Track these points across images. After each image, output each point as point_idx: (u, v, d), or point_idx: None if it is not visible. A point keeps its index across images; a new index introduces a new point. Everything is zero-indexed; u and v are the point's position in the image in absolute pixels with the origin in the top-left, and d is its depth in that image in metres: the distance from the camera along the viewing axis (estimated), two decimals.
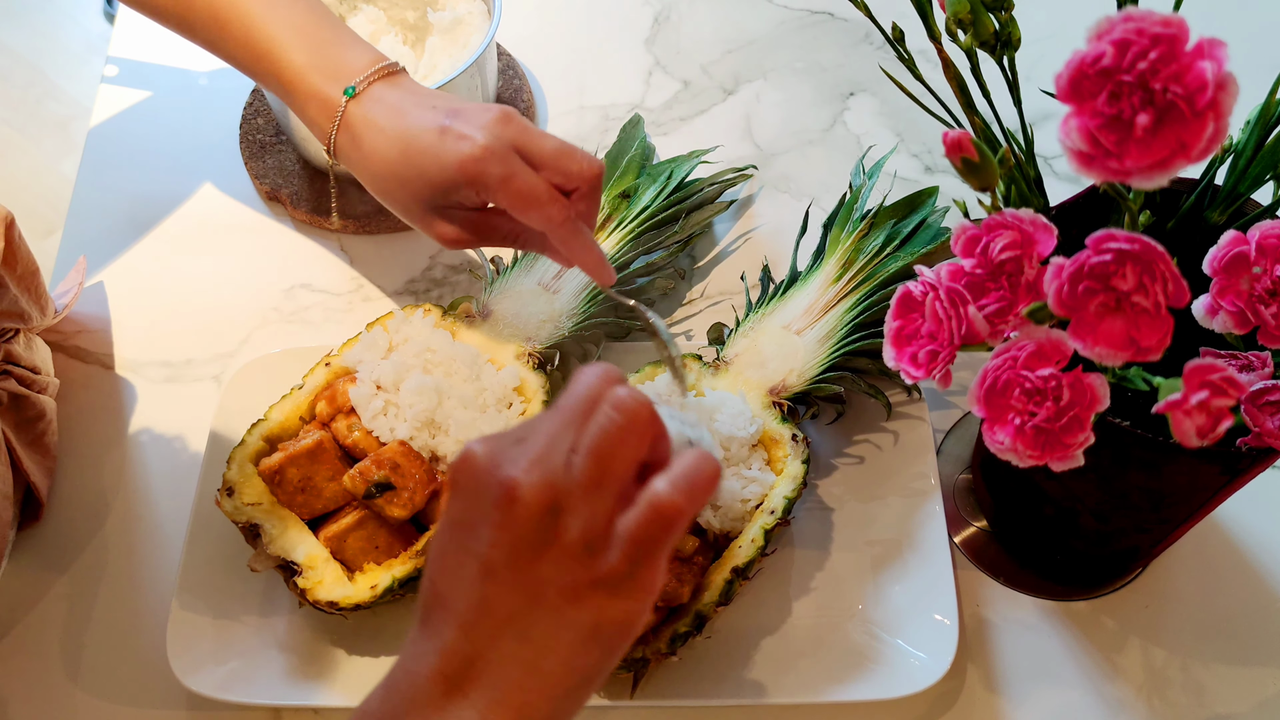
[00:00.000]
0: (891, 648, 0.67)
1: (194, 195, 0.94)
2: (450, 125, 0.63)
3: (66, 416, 0.81)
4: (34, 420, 0.73)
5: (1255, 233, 0.48)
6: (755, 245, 0.90)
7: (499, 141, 0.62)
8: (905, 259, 0.75)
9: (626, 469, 0.43)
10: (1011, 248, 0.44)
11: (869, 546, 0.72)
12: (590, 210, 0.65)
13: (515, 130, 0.63)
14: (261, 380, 0.76)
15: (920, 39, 0.57)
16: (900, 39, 0.58)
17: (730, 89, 1.01)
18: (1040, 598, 0.71)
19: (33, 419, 0.73)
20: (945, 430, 0.79)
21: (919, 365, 0.48)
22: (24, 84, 2.19)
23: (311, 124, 0.69)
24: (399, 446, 0.69)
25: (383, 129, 0.65)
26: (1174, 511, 0.62)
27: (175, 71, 1.02)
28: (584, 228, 0.64)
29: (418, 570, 0.67)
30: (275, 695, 0.66)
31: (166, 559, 0.74)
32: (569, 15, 1.08)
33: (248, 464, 0.69)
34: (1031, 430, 0.44)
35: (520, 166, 0.62)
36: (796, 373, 0.73)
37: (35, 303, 0.73)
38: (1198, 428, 0.40)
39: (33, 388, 0.74)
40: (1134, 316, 0.40)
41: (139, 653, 0.70)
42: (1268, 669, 0.68)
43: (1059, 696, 0.68)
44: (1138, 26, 0.37)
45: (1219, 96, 0.37)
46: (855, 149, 0.96)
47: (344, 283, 0.89)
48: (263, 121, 0.97)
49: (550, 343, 0.77)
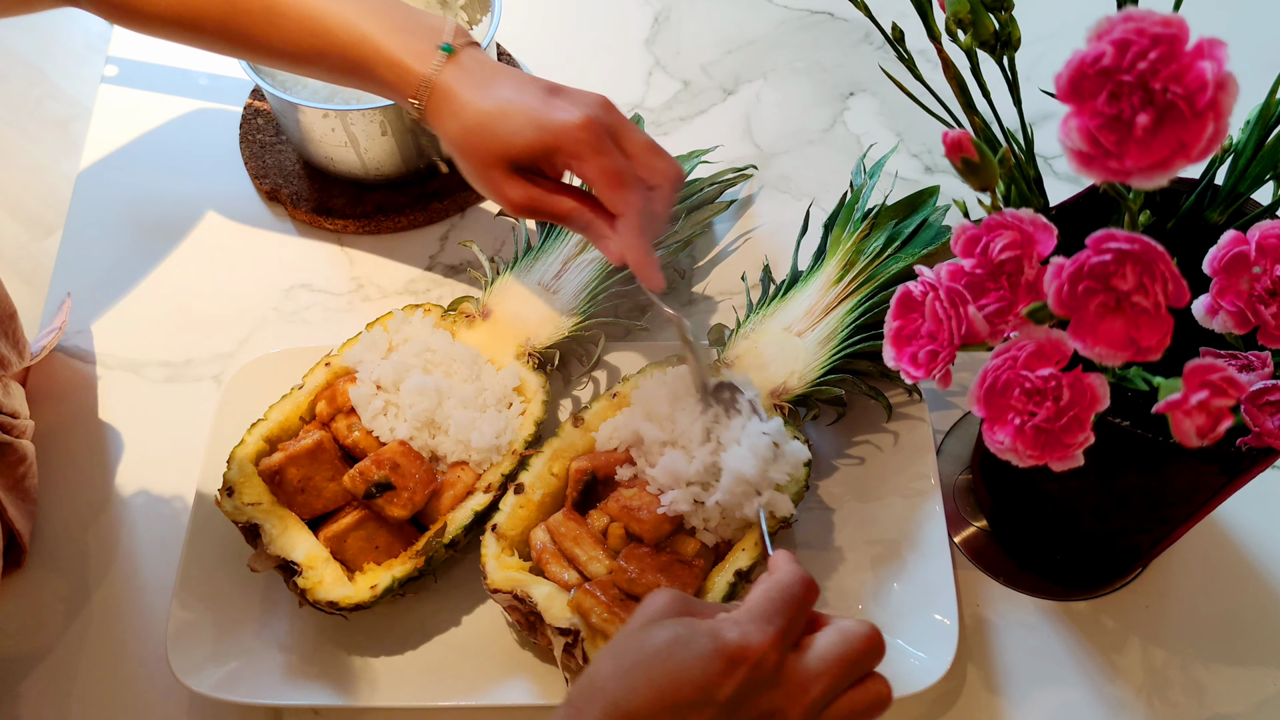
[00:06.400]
0: (891, 648, 0.67)
1: (194, 195, 0.94)
2: (555, 95, 0.66)
3: (66, 417, 0.81)
4: (14, 465, 0.73)
5: (1255, 233, 0.48)
6: (755, 245, 0.90)
7: (600, 119, 0.65)
8: (907, 260, 0.75)
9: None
10: (1011, 248, 0.44)
11: (869, 546, 0.72)
12: (664, 211, 0.67)
13: (615, 116, 0.66)
14: (261, 380, 0.76)
15: (920, 39, 0.57)
16: (900, 39, 0.58)
17: (730, 89, 1.01)
18: (1040, 598, 0.71)
19: (13, 463, 0.73)
20: (945, 430, 0.79)
21: (919, 365, 0.48)
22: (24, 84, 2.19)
23: (389, 87, 0.69)
24: (399, 446, 0.69)
25: (484, 84, 0.67)
26: (1174, 511, 0.62)
27: (175, 71, 1.02)
28: (649, 229, 0.66)
29: (417, 570, 0.67)
30: (275, 695, 0.66)
31: (166, 559, 0.74)
32: (569, 15, 1.08)
33: (248, 464, 0.69)
34: (1031, 430, 0.44)
35: (614, 147, 0.65)
36: (798, 375, 0.73)
37: (13, 347, 0.73)
38: (1198, 428, 0.40)
39: (12, 433, 0.73)
40: (1134, 316, 0.40)
41: (139, 653, 0.70)
42: (1268, 669, 0.68)
43: (1059, 696, 0.68)
44: (1138, 26, 0.37)
45: (1219, 96, 0.37)
46: (855, 149, 0.96)
47: (344, 283, 0.89)
48: (263, 121, 0.97)
49: (550, 343, 0.77)
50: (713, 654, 0.46)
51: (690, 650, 0.46)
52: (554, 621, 0.62)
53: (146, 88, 1.02)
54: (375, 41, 0.68)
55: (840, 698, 0.48)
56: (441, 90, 0.67)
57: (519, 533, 0.68)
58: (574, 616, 0.62)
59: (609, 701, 0.46)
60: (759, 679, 0.46)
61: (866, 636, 0.49)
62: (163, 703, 0.68)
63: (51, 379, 0.82)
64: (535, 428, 0.72)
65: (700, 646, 0.46)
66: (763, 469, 0.65)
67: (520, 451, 0.71)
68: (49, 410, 0.80)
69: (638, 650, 0.47)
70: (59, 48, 2.26)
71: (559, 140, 0.64)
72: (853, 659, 0.48)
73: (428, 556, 0.67)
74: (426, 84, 0.67)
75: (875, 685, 0.49)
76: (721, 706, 0.45)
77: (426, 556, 0.67)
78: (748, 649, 0.46)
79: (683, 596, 0.50)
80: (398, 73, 0.68)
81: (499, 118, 0.65)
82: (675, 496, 0.65)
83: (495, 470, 0.71)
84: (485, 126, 0.66)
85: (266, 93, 0.85)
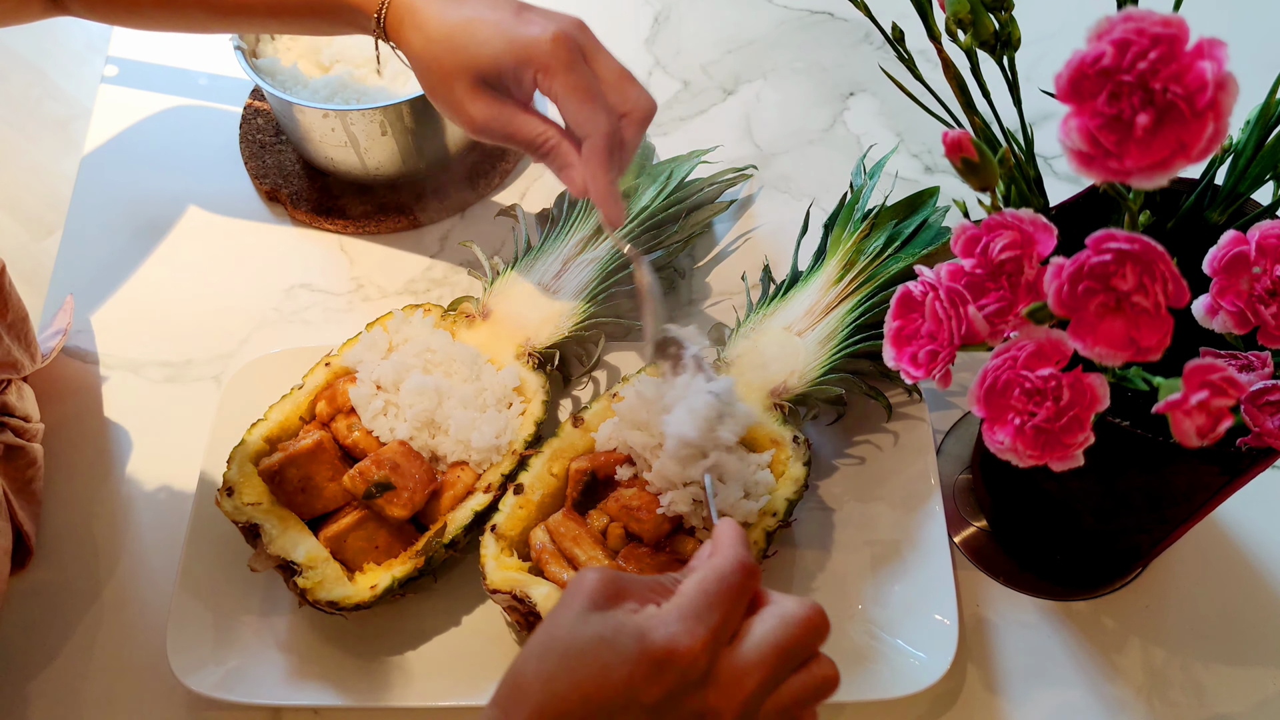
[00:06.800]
0: (891, 647, 0.67)
1: (194, 195, 0.94)
2: (526, 11, 0.65)
3: (66, 417, 0.81)
4: (24, 468, 0.74)
5: (1255, 233, 0.48)
6: (755, 245, 0.90)
7: (573, 37, 0.63)
8: (907, 260, 0.75)
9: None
10: (1011, 248, 0.44)
11: (869, 546, 0.72)
12: (633, 140, 0.65)
13: (587, 37, 0.65)
14: (261, 380, 0.76)
15: (920, 39, 0.57)
16: (900, 39, 0.58)
17: (730, 89, 1.01)
18: (1040, 598, 0.71)
19: (23, 466, 0.73)
20: (945, 430, 0.79)
21: (919, 365, 0.48)
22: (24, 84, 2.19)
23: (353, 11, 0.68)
24: (399, 446, 0.69)
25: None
26: (1174, 511, 0.62)
27: (175, 71, 1.02)
28: (615, 157, 0.64)
29: (417, 570, 0.67)
30: (275, 695, 0.66)
31: (166, 559, 0.74)
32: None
33: (248, 464, 0.69)
34: (1031, 430, 0.44)
35: (586, 65, 0.63)
36: (798, 375, 0.73)
37: (26, 350, 0.73)
38: (1198, 428, 0.40)
39: (24, 436, 0.74)
40: (1134, 316, 0.40)
41: (139, 653, 0.70)
42: (1268, 669, 0.68)
43: (1059, 696, 0.68)
44: (1138, 26, 0.37)
45: (1219, 96, 0.37)
46: (855, 149, 0.96)
47: (344, 283, 0.89)
48: (263, 121, 0.97)
49: (550, 343, 0.77)
50: (638, 655, 0.43)
51: (614, 652, 0.44)
52: None
53: (146, 88, 1.02)
54: None
55: (781, 686, 0.45)
56: (403, 3, 0.66)
57: (518, 533, 0.68)
58: None
59: (534, 705, 0.44)
60: (688, 681, 0.44)
61: (805, 619, 0.46)
62: (163, 703, 0.68)
63: (54, 379, 0.82)
64: (535, 428, 0.72)
65: (625, 648, 0.44)
66: (706, 429, 0.63)
67: (520, 451, 0.71)
68: (51, 410, 0.80)
69: (563, 650, 0.45)
70: (59, 48, 2.26)
71: (530, 53, 0.62)
72: (791, 645, 0.45)
73: (428, 556, 0.67)
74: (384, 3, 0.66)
75: (820, 668, 0.46)
76: (648, 710, 0.43)
77: (426, 556, 0.67)
78: (674, 651, 0.43)
79: (613, 577, 0.47)
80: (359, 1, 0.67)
81: (466, 30, 0.64)
82: (674, 497, 0.65)
83: (495, 470, 0.71)
84: (451, 38, 0.64)
85: (266, 93, 0.85)
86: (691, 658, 0.44)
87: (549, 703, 0.44)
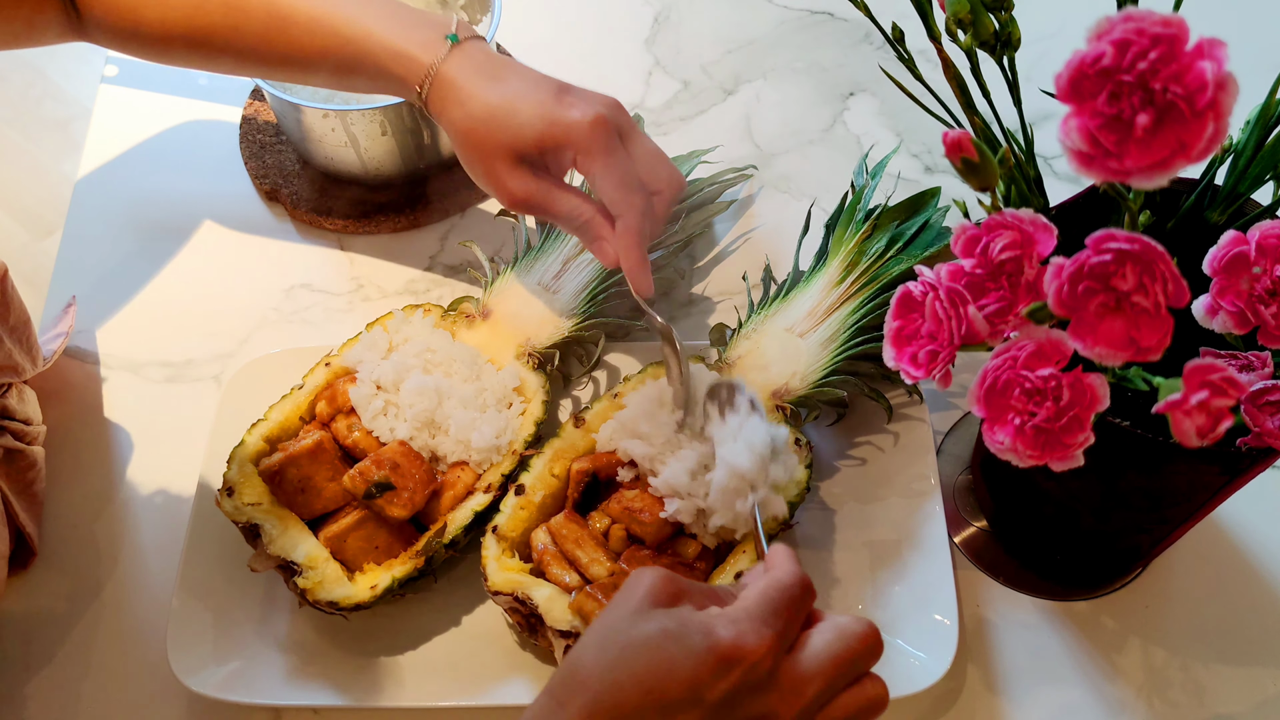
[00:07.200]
0: (891, 648, 0.67)
1: (194, 195, 0.94)
2: (566, 93, 0.66)
3: (66, 417, 0.81)
4: (25, 470, 0.74)
5: (1255, 233, 0.48)
6: (755, 245, 0.90)
7: (611, 121, 0.65)
8: (908, 261, 0.75)
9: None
10: (1011, 248, 0.44)
11: (869, 547, 0.72)
12: (662, 218, 0.67)
13: (625, 119, 0.66)
14: (261, 380, 0.76)
15: (920, 39, 0.57)
16: (900, 39, 0.58)
17: (730, 89, 1.01)
18: (1040, 598, 0.71)
19: (24, 469, 0.73)
20: (945, 430, 0.79)
21: (919, 365, 0.48)
22: (24, 84, 2.19)
23: (394, 80, 0.69)
24: (399, 446, 0.69)
25: (492, 76, 0.67)
26: (1174, 511, 0.62)
27: (175, 71, 1.02)
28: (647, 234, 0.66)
29: (417, 570, 0.67)
30: (275, 695, 0.66)
31: (167, 559, 0.74)
32: (569, 15, 1.08)
33: (248, 464, 0.69)
34: (1031, 430, 0.44)
35: (622, 149, 0.65)
36: (799, 376, 0.73)
37: (27, 354, 0.74)
38: (1198, 428, 0.40)
39: (24, 439, 0.74)
40: (1134, 316, 0.40)
41: (139, 653, 0.70)
42: (1268, 669, 0.68)
43: (1059, 696, 0.68)
44: (1138, 26, 0.37)
45: (1219, 96, 0.36)
46: (855, 149, 0.96)
47: (344, 283, 0.89)
48: (263, 121, 0.97)
49: (550, 343, 0.77)
50: (705, 652, 0.44)
51: (681, 646, 0.44)
52: (555, 624, 0.62)
53: (146, 88, 1.02)
54: (380, 34, 0.68)
55: (835, 699, 0.47)
56: (446, 79, 0.67)
57: (519, 534, 0.68)
58: (575, 619, 0.62)
59: (591, 696, 0.44)
60: (752, 681, 0.44)
61: (863, 635, 0.47)
62: (163, 703, 0.68)
63: (54, 379, 0.82)
64: (535, 428, 0.72)
65: (692, 643, 0.44)
66: (760, 465, 0.64)
67: (520, 452, 0.71)
68: (51, 410, 0.80)
69: (624, 641, 0.45)
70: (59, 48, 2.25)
71: (570, 136, 0.64)
72: (849, 659, 0.47)
73: (428, 556, 0.67)
74: (431, 71, 0.67)
75: (872, 687, 0.48)
76: (711, 707, 0.44)
77: (426, 556, 0.67)
78: (743, 650, 0.44)
79: (672, 577, 0.48)
80: (403, 62, 0.68)
81: (508, 109, 0.65)
82: (679, 506, 0.65)
83: (495, 470, 0.71)
84: (493, 117, 0.65)
85: (266, 93, 0.85)
86: (758, 658, 0.44)
87: (607, 693, 0.44)
